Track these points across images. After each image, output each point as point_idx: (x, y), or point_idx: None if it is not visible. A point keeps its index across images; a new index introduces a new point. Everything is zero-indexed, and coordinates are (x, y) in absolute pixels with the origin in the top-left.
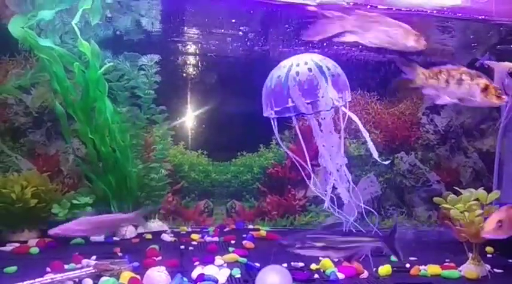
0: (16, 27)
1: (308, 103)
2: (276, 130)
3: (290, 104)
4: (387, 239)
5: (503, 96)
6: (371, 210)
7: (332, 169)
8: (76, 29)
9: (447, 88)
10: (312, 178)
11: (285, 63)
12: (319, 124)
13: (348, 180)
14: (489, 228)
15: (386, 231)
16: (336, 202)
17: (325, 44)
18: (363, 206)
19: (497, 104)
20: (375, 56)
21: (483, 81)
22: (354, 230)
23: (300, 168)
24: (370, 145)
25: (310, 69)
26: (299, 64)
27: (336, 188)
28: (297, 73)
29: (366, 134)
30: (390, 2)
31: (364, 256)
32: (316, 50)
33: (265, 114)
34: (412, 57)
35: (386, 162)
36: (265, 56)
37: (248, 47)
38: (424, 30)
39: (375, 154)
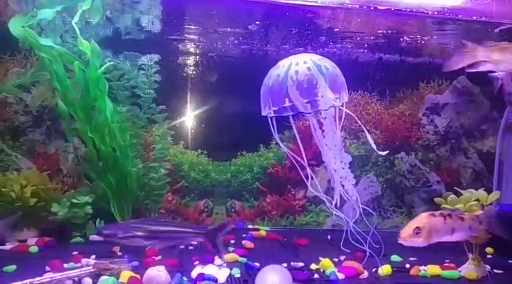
0: (16, 26)
1: (307, 103)
2: (274, 130)
3: (287, 104)
4: (210, 234)
5: None
6: (369, 210)
7: (337, 168)
8: (76, 28)
9: None
10: (309, 179)
11: (284, 63)
12: (321, 124)
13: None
14: (405, 235)
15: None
16: (333, 202)
17: (330, 43)
18: (361, 206)
19: None
20: (375, 56)
21: None
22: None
23: (299, 168)
24: (368, 137)
25: (309, 69)
26: (298, 63)
27: (343, 185)
28: (296, 72)
29: (363, 128)
30: (392, 2)
31: (368, 256)
32: (315, 51)
33: (263, 113)
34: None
35: (384, 153)
36: (266, 55)
37: (249, 47)
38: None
39: (373, 146)
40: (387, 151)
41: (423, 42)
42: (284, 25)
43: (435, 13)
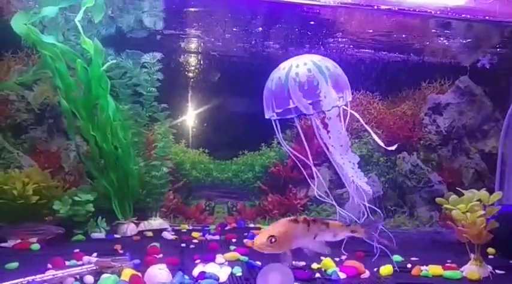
0: (19, 23)
1: (309, 104)
2: (278, 131)
3: (292, 106)
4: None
5: None
6: (375, 208)
7: (347, 168)
8: (79, 26)
9: None
10: (315, 178)
11: (285, 65)
12: (326, 125)
13: (353, 180)
14: (259, 242)
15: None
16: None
17: (332, 42)
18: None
19: None
20: (377, 56)
21: None
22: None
23: (302, 168)
24: (374, 136)
25: (309, 70)
26: (298, 65)
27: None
28: (297, 74)
29: (367, 128)
30: (395, 1)
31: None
32: (317, 51)
33: (267, 116)
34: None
35: (393, 147)
36: (268, 54)
37: (251, 46)
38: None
39: (381, 143)
40: (396, 145)
41: (425, 41)
42: (286, 24)
43: (438, 12)
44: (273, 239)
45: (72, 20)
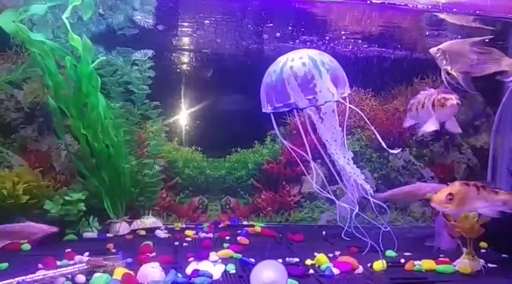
0: (7, 21)
1: (304, 98)
2: (275, 126)
3: (292, 100)
4: None
5: None
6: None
7: (343, 163)
8: (67, 23)
9: None
10: (314, 174)
11: (281, 59)
12: (322, 120)
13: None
14: (438, 200)
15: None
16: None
17: (324, 38)
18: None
19: None
20: (369, 52)
21: None
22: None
23: (295, 164)
24: (378, 137)
25: (304, 64)
26: (294, 59)
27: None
28: (291, 67)
29: (371, 126)
30: None
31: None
32: (308, 45)
33: (264, 110)
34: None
35: (396, 151)
36: (261, 51)
37: (244, 43)
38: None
39: (383, 144)
40: (400, 149)
41: (417, 37)
42: (278, 20)
43: (429, 7)
44: (450, 197)
45: (62, 18)
